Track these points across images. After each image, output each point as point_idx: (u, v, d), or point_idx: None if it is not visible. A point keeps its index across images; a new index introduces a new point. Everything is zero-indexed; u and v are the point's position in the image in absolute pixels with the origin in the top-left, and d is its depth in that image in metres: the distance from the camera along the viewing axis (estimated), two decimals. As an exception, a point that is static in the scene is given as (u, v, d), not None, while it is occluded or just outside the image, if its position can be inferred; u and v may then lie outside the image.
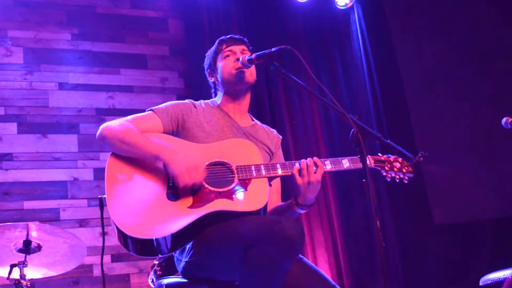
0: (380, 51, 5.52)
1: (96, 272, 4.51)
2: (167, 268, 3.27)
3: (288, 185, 3.62)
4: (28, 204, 4.50)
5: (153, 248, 2.44)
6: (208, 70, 2.97)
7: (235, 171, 2.60)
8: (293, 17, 5.51)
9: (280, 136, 3.07)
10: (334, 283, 2.61)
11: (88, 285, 4.48)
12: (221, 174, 2.61)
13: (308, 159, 2.67)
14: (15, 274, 3.28)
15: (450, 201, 5.39)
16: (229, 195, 2.54)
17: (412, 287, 5.04)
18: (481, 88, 5.63)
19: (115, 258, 4.57)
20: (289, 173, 2.67)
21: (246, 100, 2.95)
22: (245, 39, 2.95)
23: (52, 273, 3.53)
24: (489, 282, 3.59)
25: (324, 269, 4.83)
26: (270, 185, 2.78)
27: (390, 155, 2.87)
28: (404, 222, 5.20)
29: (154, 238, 2.41)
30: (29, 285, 3.27)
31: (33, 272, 3.41)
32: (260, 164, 2.65)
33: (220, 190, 2.55)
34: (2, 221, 4.18)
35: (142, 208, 2.47)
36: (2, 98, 4.64)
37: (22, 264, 3.26)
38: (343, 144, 5.25)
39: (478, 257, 5.01)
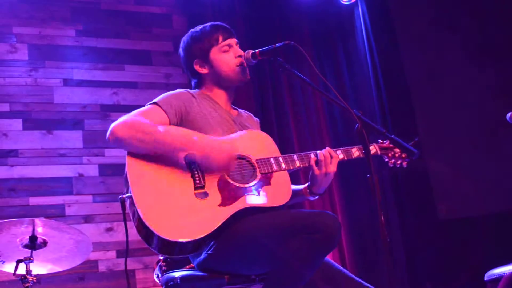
0: (384, 46, 5.51)
1: (102, 268, 4.54)
2: (173, 263, 3.28)
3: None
4: (33, 200, 4.52)
5: (179, 248, 2.39)
6: (196, 60, 2.80)
7: (256, 165, 2.59)
8: (297, 13, 5.51)
9: (258, 119, 3.05)
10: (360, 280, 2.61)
11: (94, 281, 4.50)
12: (243, 169, 2.59)
13: (323, 150, 2.70)
14: (21, 269, 3.29)
15: (454, 196, 5.39)
16: (255, 190, 2.53)
17: (416, 282, 5.05)
18: (486, 83, 5.62)
19: (121, 254, 4.59)
20: (306, 165, 2.68)
21: (236, 91, 2.90)
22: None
23: (58, 268, 3.54)
24: (494, 277, 3.58)
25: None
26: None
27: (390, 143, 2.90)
28: (408, 217, 5.21)
29: (189, 241, 2.36)
30: (35, 280, 3.28)
31: (39, 268, 3.41)
32: (279, 157, 2.64)
33: (246, 185, 2.52)
34: (8, 217, 4.19)
35: (175, 208, 2.38)
36: (7, 95, 4.66)
37: (28, 260, 3.27)
38: (347, 140, 5.25)
39: (482, 252, 5.01)
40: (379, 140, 2.92)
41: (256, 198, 2.51)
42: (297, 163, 2.67)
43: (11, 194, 4.49)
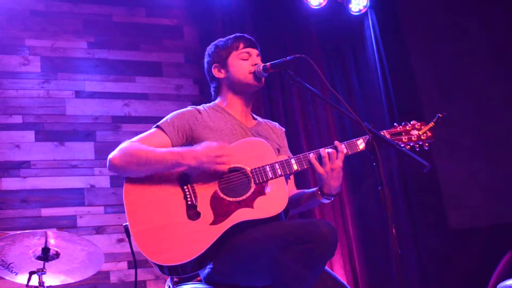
0: (394, 56, 5.51)
1: (113, 278, 4.55)
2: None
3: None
4: (45, 211, 4.55)
5: (181, 270, 2.47)
6: (216, 64, 2.87)
7: (251, 175, 2.58)
8: (307, 24, 5.52)
9: (283, 128, 3.07)
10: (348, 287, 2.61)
11: (105, 292, 4.52)
12: (237, 181, 2.59)
13: (328, 147, 2.65)
14: (34, 281, 3.31)
15: (466, 205, 5.37)
16: (249, 202, 2.52)
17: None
18: (497, 92, 5.61)
19: (132, 265, 4.60)
20: (306, 167, 2.65)
21: (252, 100, 2.94)
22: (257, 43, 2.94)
23: (70, 280, 3.56)
24: (506, 288, 3.56)
25: (340, 275, 4.83)
26: (289, 178, 2.79)
27: (407, 123, 2.80)
28: (420, 227, 5.18)
29: (181, 264, 2.43)
30: (47, 292, 3.31)
31: (51, 279, 3.45)
32: (275, 163, 2.61)
33: (239, 199, 2.52)
34: (20, 228, 4.24)
35: (166, 233, 2.47)
36: (20, 107, 4.70)
37: (41, 272, 3.30)
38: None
39: (494, 262, 4.98)
40: (395, 124, 2.80)
41: (249, 212, 2.50)
42: (295, 167, 2.63)
43: (23, 205, 4.52)
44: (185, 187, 2.55)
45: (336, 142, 2.67)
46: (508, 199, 5.37)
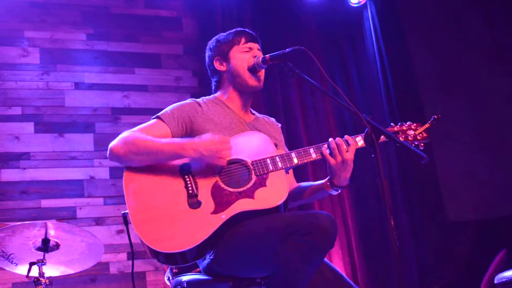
0: (393, 48, 5.51)
1: (113, 269, 4.57)
2: (183, 266, 3.29)
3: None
4: (45, 203, 4.57)
5: (180, 259, 2.48)
6: (217, 57, 2.89)
7: (251, 168, 2.60)
8: (306, 16, 5.52)
9: (279, 124, 3.09)
10: (350, 281, 2.62)
11: (105, 283, 4.54)
12: (238, 173, 2.60)
13: (337, 138, 2.67)
14: (34, 272, 3.32)
15: (464, 198, 5.39)
16: (250, 193, 2.54)
17: (426, 284, 5.04)
18: (496, 86, 5.61)
19: (131, 256, 4.60)
20: (306, 161, 2.67)
21: (252, 96, 2.95)
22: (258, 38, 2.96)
23: (70, 271, 3.57)
24: (504, 280, 3.58)
25: (339, 267, 4.84)
26: (287, 172, 2.81)
27: (403, 123, 2.83)
28: (418, 220, 5.20)
29: (181, 251, 2.44)
30: (47, 282, 3.32)
31: (51, 270, 3.45)
32: (275, 156, 2.63)
33: (240, 190, 2.54)
34: (20, 219, 4.25)
35: (167, 221, 2.47)
36: (19, 98, 4.70)
37: (41, 262, 3.30)
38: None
39: (492, 255, 5.00)
40: (391, 124, 2.84)
41: (250, 202, 2.52)
42: (295, 160, 2.66)
43: (23, 197, 4.53)
44: (186, 176, 2.56)
45: (346, 136, 2.69)
46: (506, 192, 5.38)
